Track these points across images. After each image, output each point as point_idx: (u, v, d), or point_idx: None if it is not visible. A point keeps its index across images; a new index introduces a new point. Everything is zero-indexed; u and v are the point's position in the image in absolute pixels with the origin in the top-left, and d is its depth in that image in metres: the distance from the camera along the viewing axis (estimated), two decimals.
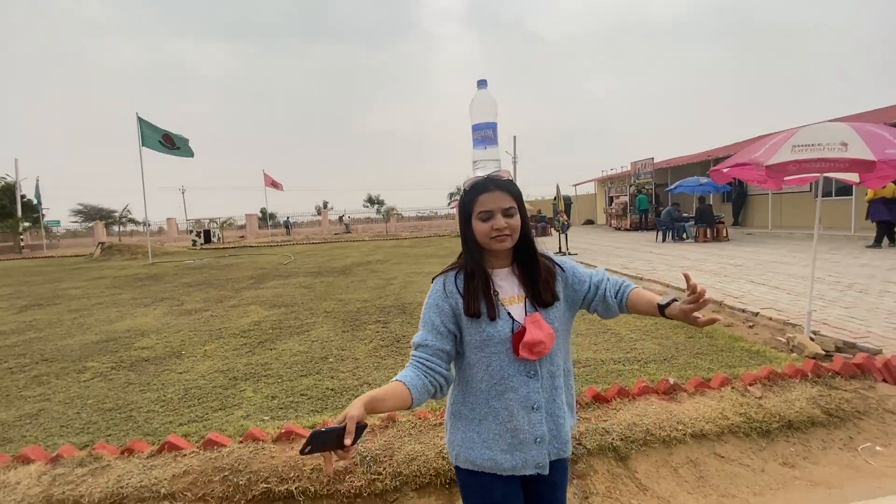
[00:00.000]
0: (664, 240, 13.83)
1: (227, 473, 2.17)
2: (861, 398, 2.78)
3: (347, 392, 3.25)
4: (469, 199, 1.19)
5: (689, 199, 17.23)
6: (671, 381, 2.88)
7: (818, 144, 3.21)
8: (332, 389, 3.32)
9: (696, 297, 1.04)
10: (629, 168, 19.95)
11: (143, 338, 5.11)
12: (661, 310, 1.14)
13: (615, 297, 1.27)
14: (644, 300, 1.23)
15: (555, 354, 1.22)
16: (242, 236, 31.32)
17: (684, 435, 2.46)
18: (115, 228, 36.27)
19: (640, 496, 2.18)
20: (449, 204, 38.13)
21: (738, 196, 16.64)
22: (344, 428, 0.90)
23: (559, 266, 1.29)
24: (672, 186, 15.07)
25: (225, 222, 30.14)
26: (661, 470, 2.32)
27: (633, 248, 12.59)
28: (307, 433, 2.44)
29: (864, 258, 8.39)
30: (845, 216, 12.58)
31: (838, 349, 3.72)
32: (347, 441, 0.90)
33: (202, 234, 25.09)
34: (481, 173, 1.27)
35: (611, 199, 21.32)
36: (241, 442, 2.41)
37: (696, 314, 1.07)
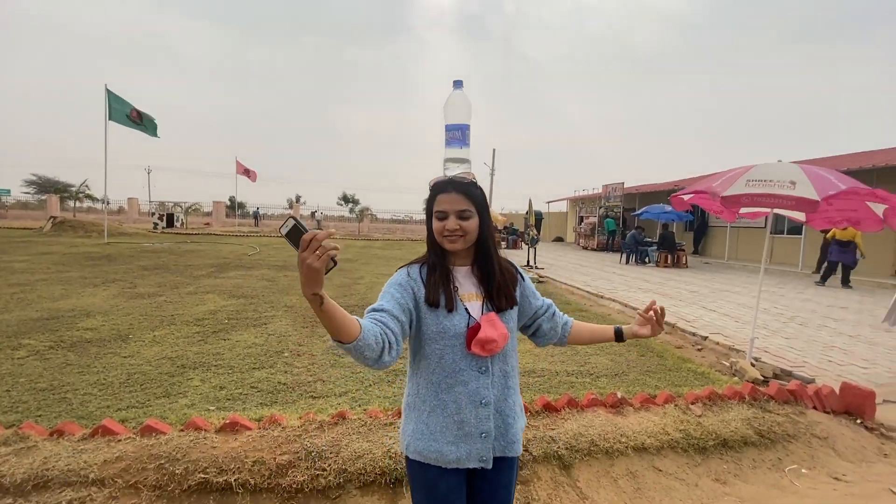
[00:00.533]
0: (628, 262, 14.28)
1: (162, 461, 2.08)
2: (792, 422, 2.95)
3: (300, 387, 3.19)
4: (430, 197, 1.24)
5: (653, 225, 17.89)
6: (619, 395, 2.97)
7: (769, 181, 3.42)
8: (284, 384, 3.25)
9: (648, 318, 1.33)
10: (600, 190, 20.55)
11: (88, 318, 4.86)
12: (619, 336, 1.38)
13: (561, 322, 1.43)
14: (587, 329, 1.44)
15: (508, 355, 1.27)
16: (207, 223, 30.28)
17: (626, 447, 2.54)
18: (71, 204, 34.34)
19: None
20: (425, 209, 38.19)
21: (699, 226, 17.40)
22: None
23: (520, 274, 1.35)
24: (639, 212, 15.62)
25: (191, 207, 29.05)
26: (602, 480, 2.38)
27: (597, 267, 12.94)
28: (252, 426, 2.39)
29: (807, 293, 8.92)
30: (794, 253, 13.36)
31: (776, 376, 3.94)
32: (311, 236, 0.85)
33: (164, 218, 24.11)
34: (450, 173, 1.30)
35: (581, 219, 21.87)
36: (181, 430, 2.32)
37: (643, 331, 1.35)
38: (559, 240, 28.19)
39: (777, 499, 2.38)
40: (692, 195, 4.05)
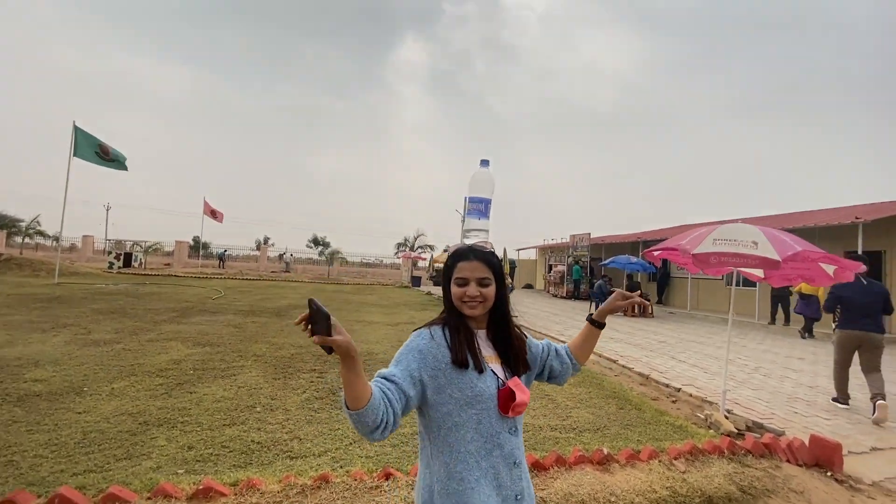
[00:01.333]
0: None
1: None
2: (769, 477, 3.01)
3: (276, 447, 3.02)
4: (450, 263, 1.28)
5: (619, 275, 18.52)
6: (605, 451, 2.96)
7: (734, 240, 3.67)
8: (257, 442, 3.07)
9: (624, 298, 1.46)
10: (568, 240, 21.26)
11: (37, 368, 4.48)
12: (593, 322, 1.47)
13: (564, 352, 1.46)
14: (579, 341, 1.49)
15: (522, 415, 1.29)
16: (168, 264, 29.03)
17: None
18: (19, 240, 32.30)
19: None
20: (396, 254, 38.04)
21: (661, 277, 18.13)
22: (329, 317, 0.96)
23: (528, 336, 1.40)
24: (606, 261, 16.20)
25: (151, 247, 27.88)
26: None
27: (569, 315, 13.15)
28: (228, 491, 2.23)
29: (765, 344, 9.33)
30: (751, 304, 14.06)
31: (749, 428, 4.04)
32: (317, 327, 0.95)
33: (122, 257, 22.99)
34: (470, 241, 1.35)
35: (550, 267, 22.40)
36: (148, 498, 2.13)
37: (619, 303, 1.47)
38: (529, 286, 28.62)
39: None
40: (663, 251, 4.28)
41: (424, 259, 30.43)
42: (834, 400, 4.96)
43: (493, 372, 1.22)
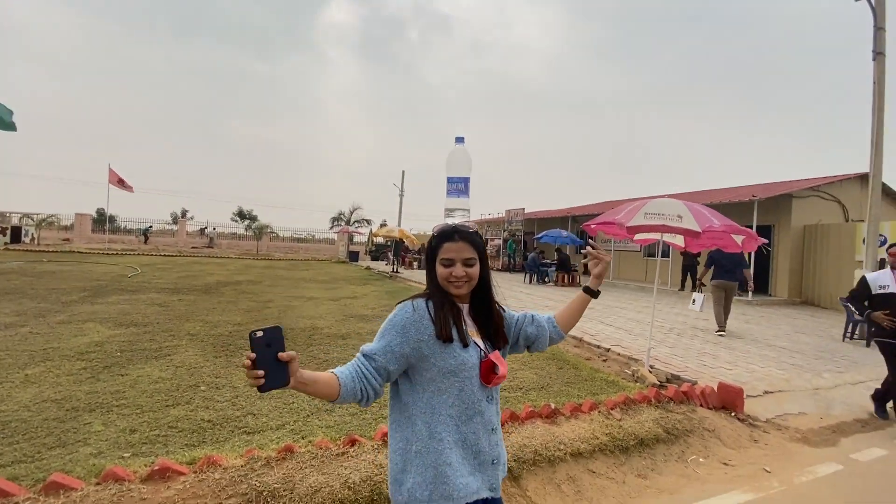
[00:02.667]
0: (530, 282, 15.36)
1: None
2: (688, 419, 3.46)
3: (229, 423, 2.92)
4: (435, 244, 1.29)
5: (550, 248, 19.53)
6: (552, 406, 3.22)
7: (662, 214, 4.05)
8: (209, 421, 2.95)
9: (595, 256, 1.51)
10: (504, 215, 21.90)
11: None
12: (591, 293, 1.49)
13: (545, 319, 1.47)
14: (568, 310, 1.49)
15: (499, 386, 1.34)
16: (67, 239, 25.81)
17: (565, 454, 2.77)
18: None
19: None
20: (331, 228, 36.82)
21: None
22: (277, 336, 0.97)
23: (506, 310, 1.43)
24: (539, 235, 16.97)
25: (44, 220, 24.49)
26: (547, 487, 2.56)
27: (506, 287, 13.59)
28: (186, 470, 2.15)
29: (677, 308, 10.45)
30: (665, 273, 15.55)
31: (668, 380, 4.57)
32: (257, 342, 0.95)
33: (8, 232, 20.07)
34: (452, 221, 1.37)
35: (486, 241, 23.02)
36: (97, 484, 2.00)
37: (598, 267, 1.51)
38: None
39: (685, 486, 2.78)
40: (600, 224, 4.61)
41: (362, 234, 29.82)
42: (717, 332, 7.03)
43: (477, 344, 1.28)
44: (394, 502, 1.21)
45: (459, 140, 1.47)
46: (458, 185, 1.44)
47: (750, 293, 11.64)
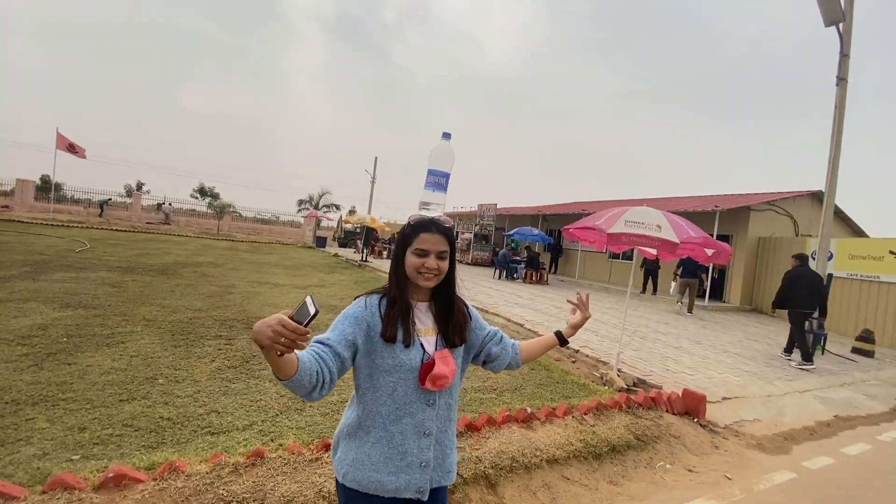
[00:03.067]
0: (500, 277, 15.48)
1: None
2: (656, 425, 3.55)
3: (191, 422, 2.74)
4: (410, 232, 1.27)
5: (519, 245, 19.75)
6: (528, 410, 3.22)
7: (642, 223, 4.11)
8: (168, 419, 2.76)
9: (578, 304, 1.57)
10: (476, 209, 21.94)
11: None
12: (561, 339, 1.53)
13: (509, 344, 1.49)
14: (534, 344, 1.53)
15: (454, 388, 1.33)
16: (6, 206, 23.80)
17: (541, 460, 2.77)
18: None
19: None
20: (298, 211, 35.75)
21: (555, 249, 19.71)
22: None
23: (469, 311, 1.41)
24: (510, 232, 17.11)
25: None
26: (524, 494, 2.55)
27: (475, 282, 13.75)
28: (145, 477, 1.99)
29: (639, 310, 10.79)
30: (626, 275, 16.05)
31: (635, 384, 4.68)
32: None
33: None
34: (428, 214, 1.35)
35: (457, 234, 23.01)
36: (43, 493, 1.81)
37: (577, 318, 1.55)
38: None
39: (654, 493, 2.84)
40: (578, 229, 4.64)
41: (331, 219, 29.13)
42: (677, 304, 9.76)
43: (423, 345, 1.26)
44: (332, 457, 1.31)
45: (446, 136, 1.44)
46: (439, 179, 1.41)
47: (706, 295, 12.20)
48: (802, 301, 6.72)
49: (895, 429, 4.54)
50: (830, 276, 8.19)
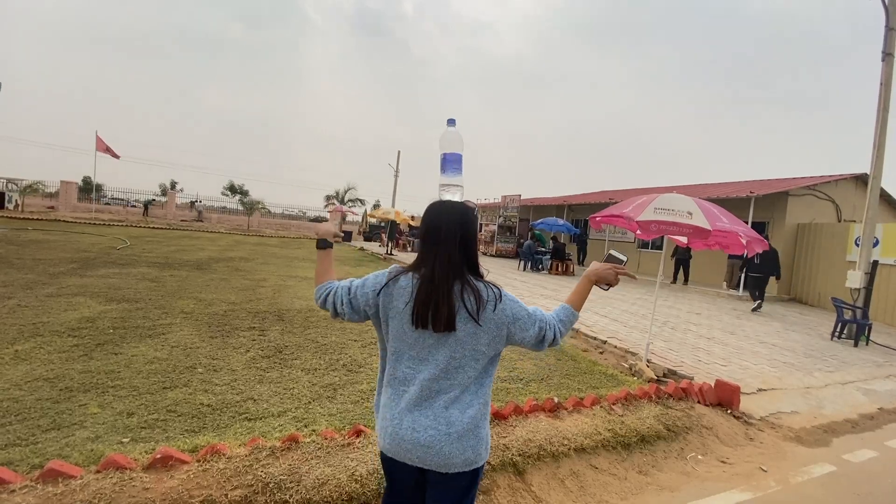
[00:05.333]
0: (525, 269, 15.37)
1: None
2: (687, 416, 3.49)
3: (229, 409, 2.86)
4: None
5: (545, 235, 19.53)
6: (556, 399, 3.22)
7: (672, 210, 4.00)
8: (207, 405, 2.89)
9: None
10: (500, 200, 21.79)
11: None
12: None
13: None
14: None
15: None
16: (52, 206, 25.17)
17: (569, 449, 2.77)
18: None
19: None
20: (325, 206, 36.39)
21: (581, 240, 19.29)
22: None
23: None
24: (536, 223, 16.93)
25: (29, 186, 23.77)
26: (552, 482, 2.56)
27: (500, 273, 13.70)
28: (189, 459, 2.10)
29: (670, 300, 10.54)
30: (656, 265, 15.66)
31: (665, 375, 4.60)
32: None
33: None
34: (448, 196, 1.42)
35: (481, 226, 22.92)
36: (97, 472, 1.94)
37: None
38: None
39: (685, 484, 2.80)
40: (606, 217, 4.55)
41: (356, 213, 29.49)
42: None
43: None
44: None
45: (451, 122, 1.50)
46: (452, 162, 1.46)
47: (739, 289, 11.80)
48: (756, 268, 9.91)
49: None
50: (875, 262, 7.76)
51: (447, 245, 1.28)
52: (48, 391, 2.86)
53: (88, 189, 29.09)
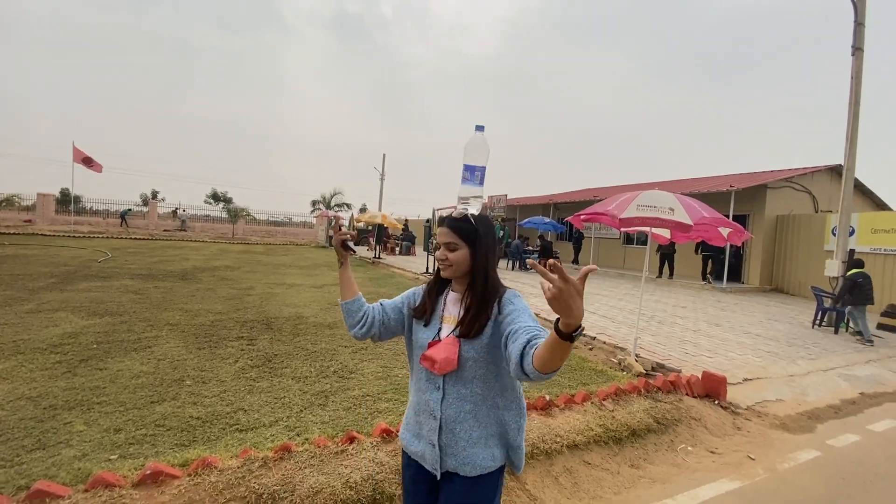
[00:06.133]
0: (513, 268, 15.46)
1: None
2: (675, 408, 3.55)
3: (219, 420, 2.83)
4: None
5: (533, 234, 19.65)
6: (547, 397, 3.25)
7: (655, 206, 4.07)
8: (197, 418, 2.85)
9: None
10: (486, 200, 21.89)
11: None
12: (559, 331, 0.95)
13: (521, 344, 1.11)
14: (543, 347, 1.03)
15: (468, 381, 1.27)
16: (29, 220, 24.53)
17: (561, 446, 2.80)
18: None
19: None
20: (312, 212, 36.12)
21: (576, 239, 18.84)
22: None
23: (508, 307, 1.27)
24: (523, 222, 17.02)
25: (4, 200, 23.10)
26: (545, 479, 2.59)
27: None
28: (180, 473, 2.07)
29: (656, 295, 10.69)
30: (641, 260, 15.88)
31: (653, 369, 4.67)
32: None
33: None
34: (469, 209, 1.35)
35: None
36: (86, 490, 1.90)
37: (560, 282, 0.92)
38: None
39: (676, 476, 2.85)
40: (590, 215, 4.61)
41: (343, 218, 29.30)
42: None
43: (441, 329, 1.34)
44: None
45: (479, 128, 1.42)
46: (475, 173, 1.41)
47: (724, 280, 12.02)
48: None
49: None
50: (852, 251, 7.99)
51: None
52: (32, 410, 2.79)
53: (67, 201, 28.39)
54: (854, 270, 7.00)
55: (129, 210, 29.22)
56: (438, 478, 1.30)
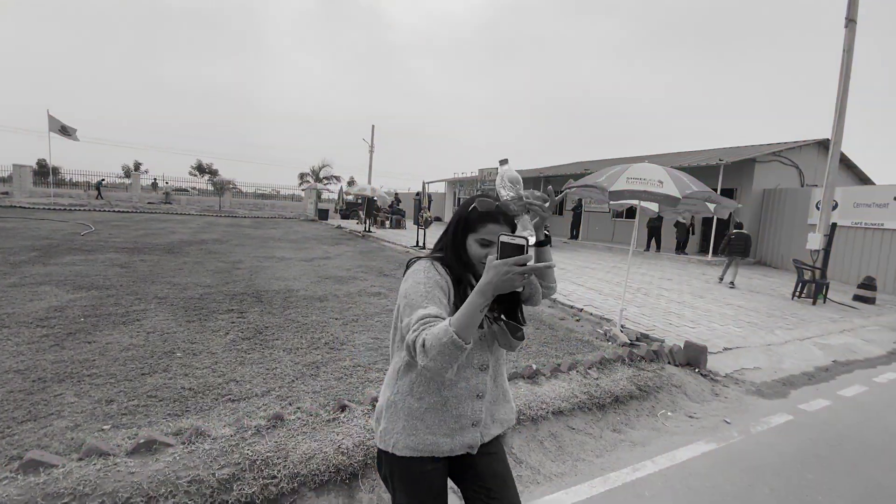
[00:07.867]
0: None
1: (66, 501, 1.72)
2: (657, 376, 3.67)
3: (212, 391, 2.86)
4: (476, 218, 1.22)
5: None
6: (534, 366, 3.33)
7: (643, 179, 4.09)
8: (189, 389, 2.88)
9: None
10: (477, 174, 21.74)
11: None
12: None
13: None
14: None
15: (496, 350, 1.34)
16: (5, 192, 23.82)
17: (547, 412, 2.89)
18: None
19: (517, 468, 2.49)
20: (300, 185, 35.54)
21: (576, 214, 18.42)
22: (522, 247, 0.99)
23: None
24: None
25: None
26: (531, 444, 2.69)
27: None
28: (173, 442, 2.11)
29: (643, 268, 10.86)
30: (629, 233, 16.04)
31: (638, 339, 4.79)
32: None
33: None
34: (505, 192, 1.19)
35: (459, 200, 22.88)
36: (79, 459, 1.93)
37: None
38: (438, 220, 29.13)
39: (655, 439, 2.98)
40: (582, 188, 4.62)
41: (332, 191, 28.96)
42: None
43: (487, 317, 1.28)
44: (375, 431, 1.32)
45: (503, 162, 1.24)
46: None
47: (710, 254, 12.23)
48: None
49: (892, 370, 4.66)
50: (834, 225, 8.15)
51: None
52: (20, 383, 2.79)
53: (44, 173, 27.50)
54: (735, 231, 8.81)
55: (103, 181, 28.32)
56: (474, 453, 1.29)
